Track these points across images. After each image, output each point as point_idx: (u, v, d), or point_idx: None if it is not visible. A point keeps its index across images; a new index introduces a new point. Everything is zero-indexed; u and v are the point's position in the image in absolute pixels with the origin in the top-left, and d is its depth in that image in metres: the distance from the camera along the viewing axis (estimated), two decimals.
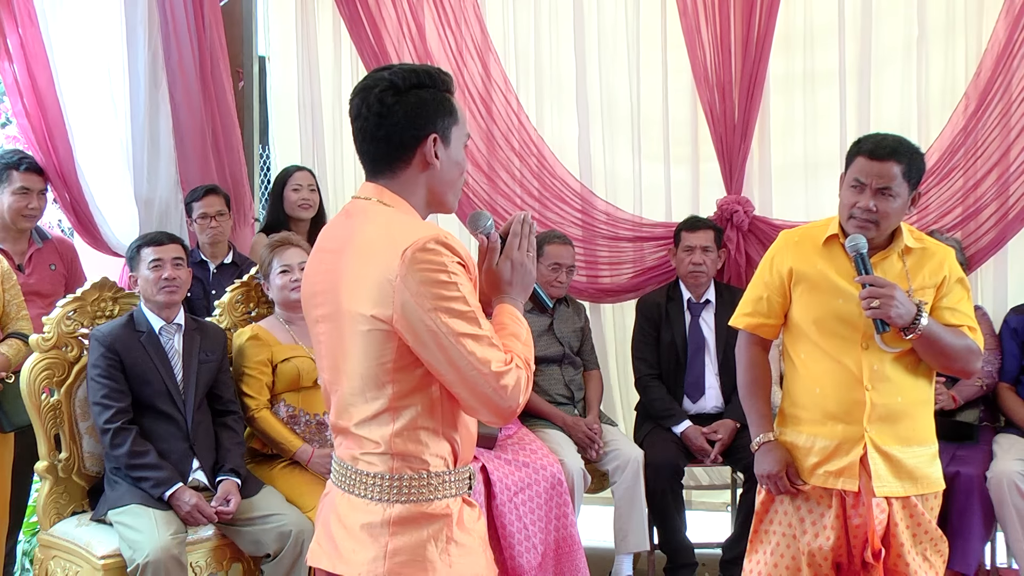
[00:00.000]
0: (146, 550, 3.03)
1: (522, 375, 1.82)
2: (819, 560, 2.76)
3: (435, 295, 1.75)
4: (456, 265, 1.79)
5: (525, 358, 1.85)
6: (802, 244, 2.85)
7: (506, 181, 4.92)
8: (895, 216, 2.70)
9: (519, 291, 1.96)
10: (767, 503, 2.89)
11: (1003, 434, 3.98)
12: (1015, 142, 4.36)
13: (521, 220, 1.97)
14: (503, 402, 1.79)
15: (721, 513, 5.04)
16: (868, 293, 2.60)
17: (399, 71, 1.87)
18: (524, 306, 1.99)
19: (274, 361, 3.62)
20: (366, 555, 1.83)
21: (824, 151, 4.75)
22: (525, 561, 3.59)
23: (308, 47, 5.23)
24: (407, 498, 1.84)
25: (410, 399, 1.82)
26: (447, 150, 1.89)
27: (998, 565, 4.01)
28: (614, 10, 4.94)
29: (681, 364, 4.33)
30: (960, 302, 2.74)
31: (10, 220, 3.97)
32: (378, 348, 1.80)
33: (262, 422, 3.59)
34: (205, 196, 4.34)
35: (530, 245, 1.97)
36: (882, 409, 2.70)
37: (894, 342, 2.67)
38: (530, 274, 1.97)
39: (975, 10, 4.54)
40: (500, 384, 1.78)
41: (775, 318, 2.89)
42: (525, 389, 1.83)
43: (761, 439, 2.88)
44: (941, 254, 2.77)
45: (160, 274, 3.40)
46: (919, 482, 2.73)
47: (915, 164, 2.69)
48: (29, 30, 4.22)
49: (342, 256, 1.86)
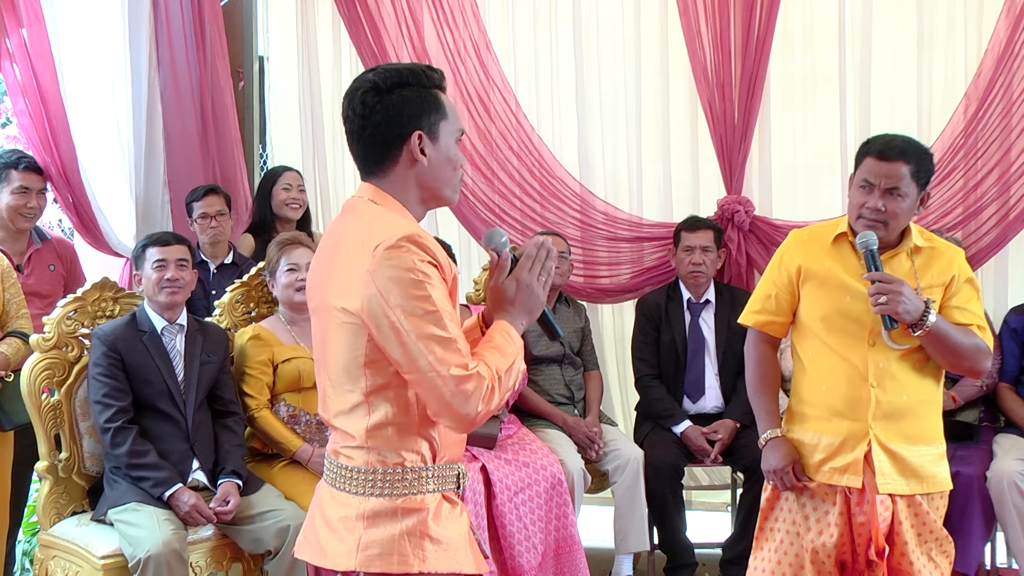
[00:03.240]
0: (147, 545, 3.03)
1: (485, 384, 1.79)
2: (822, 558, 2.76)
3: (401, 293, 1.77)
4: (427, 265, 1.80)
5: (497, 369, 1.82)
6: (811, 242, 2.86)
7: (504, 181, 4.92)
8: (904, 216, 2.70)
9: (521, 313, 1.94)
10: (772, 500, 2.90)
11: (1003, 434, 3.98)
12: (1016, 142, 4.36)
13: (539, 244, 1.96)
14: (461, 408, 1.78)
15: (721, 513, 5.04)
16: (876, 289, 2.61)
17: (382, 71, 1.91)
18: (529, 328, 1.97)
19: (275, 361, 3.62)
20: (341, 547, 1.87)
21: (824, 151, 4.76)
22: (525, 561, 3.58)
23: (308, 47, 5.24)
24: (381, 492, 1.86)
25: (383, 394, 1.85)
26: (435, 146, 1.91)
27: (998, 565, 4.01)
28: (613, 9, 4.94)
29: (681, 364, 4.33)
30: (969, 301, 2.74)
31: (9, 219, 3.96)
32: (352, 341, 1.84)
33: (262, 422, 3.59)
34: (205, 196, 4.33)
35: (544, 270, 1.94)
36: (887, 407, 2.70)
37: (902, 339, 2.68)
38: (536, 297, 1.94)
39: (975, 10, 4.54)
40: (459, 389, 1.77)
41: (783, 316, 2.90)
42: (488, 398, 1.79)
43: (768, 435, 2.90)
44: (950, 254, 2.78)
45: (163, 274, 3.40)
46: (925, 481, 2.73)
47: (924, 165, 2.70)
48: (35, 29, 4.21)
49: (330, 252, 1.92)
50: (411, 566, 1.84)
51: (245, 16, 5.22)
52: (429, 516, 1.87)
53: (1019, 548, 3.67)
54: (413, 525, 1.86)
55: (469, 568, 1.92)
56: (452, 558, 1.88)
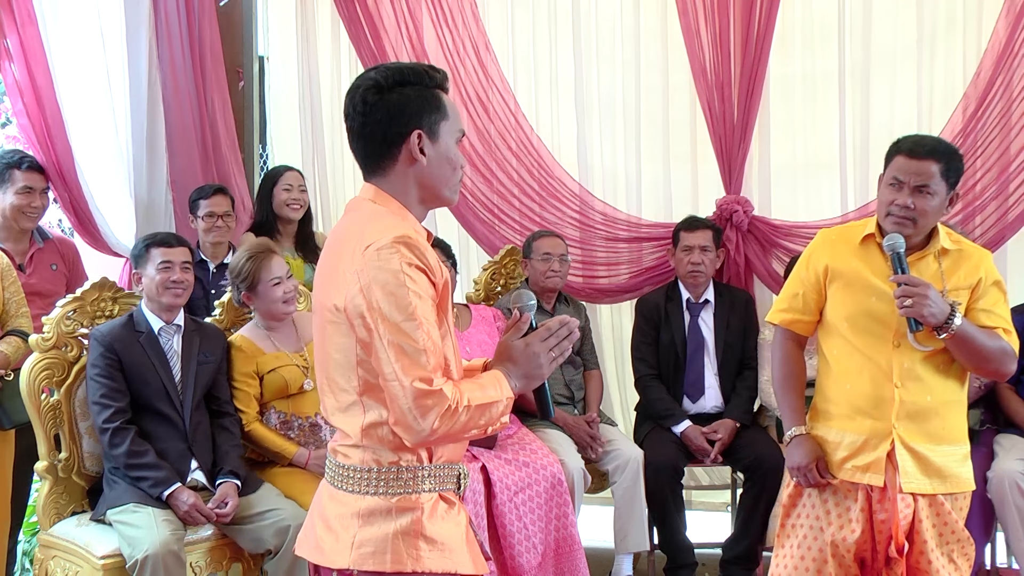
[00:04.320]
0: (145, 545, 3.03)
1: (447, 404, 1.76)
2: (843, 551, 2.78)
3: (381, 296, 1.77)
4: (414, 269, 1.80)
5: (469, 399, 1.79)
6: (839, 242, 2.88)
7: (503, 181, 4.92)
8: (932, 215, 2.71)
9: (519, 376, 1.92)
10: (795, 497, 2.91)
11: (1004, 434, 3.97)
12: (1015, 142, 4.36)
13: (565, 323, 1.94)
14: (414, 422, 1.77)
15: (721, 513, 5.04)
16: (902, 292, 2.62)
17: (384, 70, 1.91)
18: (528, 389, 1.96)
19: (260, 372, 3.59)
20: (337, 545, 1.87)
21: (823, 151, 4.76)
22: (525, 561, 3.58)
23: (307, 47, 5.24)
24: (376, 490, 1.86)
25: (377, 393, 1.84)
26: (435, 145, 1.91)
27: (998, 565, 4.01)
28: (613, 9, 4.94)
29: (680, 364, 4.33)
30: (996, 304, 2.75)
31: (12, 219, 3.96)
32: (343, 340, 1.85)
33: (255, 435, 3.57)
34: (213, 195, 4.34)
35: (558, 348, 1.92)
36: (910, 406, 2.72)
37: (927, 341, 2.69)
38: (540, 368, 1.92)
39: (975, 10, 4.54)
40: (417, 403, 1.75)
41: (810, 315, 2.92)
42: (446, 418, 1.77)
43: (793, 432, 2.91)
44: (978, 257, 2.78)
45: (169, 276, 3.40)
46: (948, 481, 2.74)
47: (953, 164, 2.71)
48: (28, 30, 4.21)
49: (333, 253, 1.93)
50: (404, 565, 1.84)
51: (245, 16, 5.23)
52: (424, 515, 1.87)
53: (1019, 548, 3.67)
54: (407, 524, 1.86)
55: (466, 568, 1.91)
56: (447, 558, 1.88)
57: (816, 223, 4.50)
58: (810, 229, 4.49)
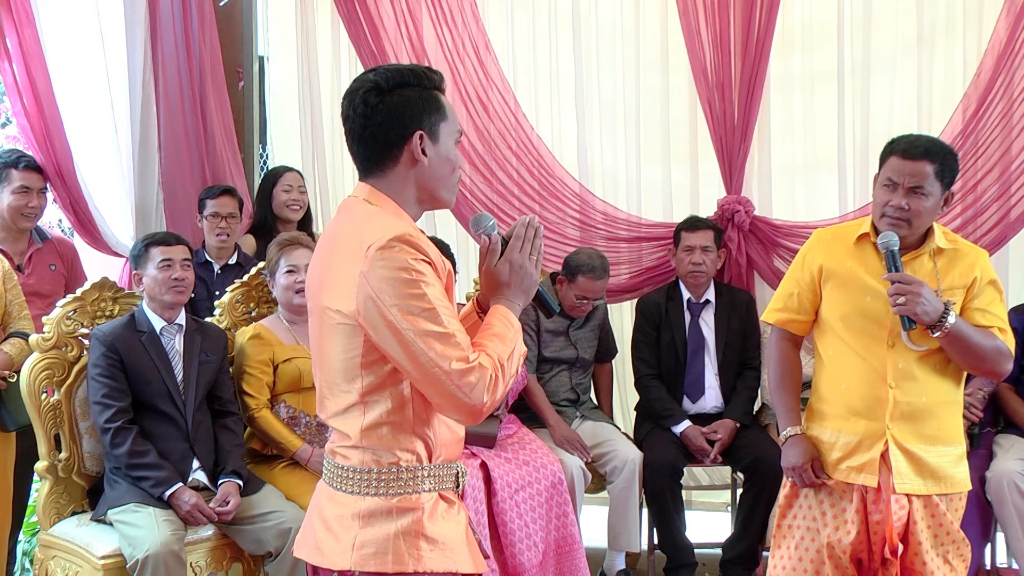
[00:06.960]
0: (145, 545, 3.03)
1: (488, 374, 1.79)
2: (839, 553, 2.78)
3: (395, 292, 1.77)
4: (420, 263, 1.80)
5: (499, 357, 1.83)
6: (834, 242, 2.88)
7: (503, 181, 4.91)
8: (927, 215, 2.71)
9: (517, 294, 1.95)
10: (791, 497, 2.91)
11: (1003, 434, 3.98)
12: (1016, 142, 4.35)
13: (525, 223, 1.96)
14: (467, 399, 1.78)
15: (721, 513, 5.04)
16: (895, 290, 2.63)
17: (383, 71, 1.91)
18: (525, 309, 1.98)
19: (275, 361, 3.62)
20: (337, 547, 1.87)
21: (824, 151, 4.75)
22: (526, 559, 3.59)
23: (307, 47, 5.23)
24: (376, 491, 1.87)
25: (379, 394, 1.85)
26: (435, 146, 1.92)
27: (998, 565, 4.01)
28: (613, 9, 4.93)
29: (681, 364, 4.33)
30: (991, 303, 2.75)
31: (10, 219, 3.96)
32: (347, 342, 1.85)
33: (262, 421, 3.58)
34: (220, 196, 4.35)
35: (534, 248, 1.95)
36: (905, 407, 2.71)
37: (921, 340, 2.69)
38: (530, 276, 1.95)
39: (975, 10, 4.54)
40: (462, 381, 1.77)
41: (805, 314, 2.92)
42: (492, 388, 1.80)
43: (788, 432, 2.91)
44: (973, 256, 2.78)
45: (170, 274, 3.40)
46: (943, 482, 2.74)
47: (948, 164, 2.71)
48: (27, 30, 4.21)
49: (326, 254, 1.93)
50: (406, 565, 1.84)
51: (245, 16, 5.22)
52: (425, 515, 1.87)
53: (1019, 548, 3.67)
54: (408, 524, 1.86)
55: (467, 567, 1.92)
56: (448, 557, 1.89)
57: (817, 223, 4.49)
58: (812, 229, 4.46)
